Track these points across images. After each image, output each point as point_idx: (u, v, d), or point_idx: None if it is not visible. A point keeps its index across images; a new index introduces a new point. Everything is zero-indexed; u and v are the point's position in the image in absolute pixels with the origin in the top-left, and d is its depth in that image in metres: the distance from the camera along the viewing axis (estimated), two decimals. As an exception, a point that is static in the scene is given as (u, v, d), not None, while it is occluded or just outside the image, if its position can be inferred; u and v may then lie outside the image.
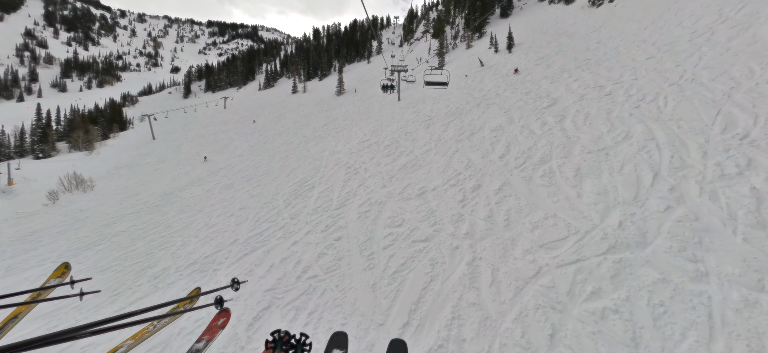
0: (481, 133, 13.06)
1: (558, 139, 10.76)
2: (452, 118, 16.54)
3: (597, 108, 13.05)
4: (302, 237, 9.17)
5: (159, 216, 19.53)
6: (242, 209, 14.95)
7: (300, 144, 27.40)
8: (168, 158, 35.85)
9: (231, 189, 20.57)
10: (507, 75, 22.39)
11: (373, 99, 37.30)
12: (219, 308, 2.25)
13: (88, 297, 5.86)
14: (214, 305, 2.22)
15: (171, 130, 52.70)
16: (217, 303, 2.22)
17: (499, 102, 16.66)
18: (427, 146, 13.62)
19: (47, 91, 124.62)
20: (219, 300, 2.22)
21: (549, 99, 15.24)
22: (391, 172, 12.01)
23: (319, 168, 16.23)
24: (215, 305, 2.22)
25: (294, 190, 14.21)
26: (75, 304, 8.82)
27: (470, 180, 9.38)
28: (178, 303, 2.78)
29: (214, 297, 2.23)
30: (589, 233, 6.35)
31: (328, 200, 11.28)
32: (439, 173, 10.49)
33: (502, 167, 9.68)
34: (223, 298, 2.24)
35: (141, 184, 27.96)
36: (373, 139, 18.53)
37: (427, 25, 66.69)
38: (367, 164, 13.99)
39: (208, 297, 2.47)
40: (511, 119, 13.63)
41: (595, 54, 22.31)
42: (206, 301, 2.83)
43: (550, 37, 31.10)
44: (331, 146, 21.85)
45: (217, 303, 2.22)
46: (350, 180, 12.62)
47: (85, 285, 3.08)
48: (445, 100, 21.58)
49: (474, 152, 11.32)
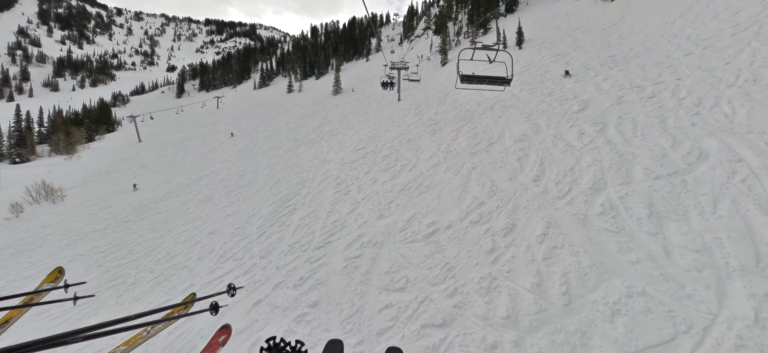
0: (501, 144, 10.55)
1: (607, 155, 8.27)
2: (462, 123, 14.04)
3: (643, 114, 10.59)
4: (268, 292, 6.70)
5: (125, 236, 17.04)
6: (212, 234, 12.47)
7: (290, 148, 24.97)
8: (150, 163, 33.33)
9: (208, 203, 18.12)
10: (521, 73, 19.88)
11: (371, 99, 34.81)
12: (214, 313, 2.22)
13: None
14: (209, 311, 2.20)
15: (159, 132, 50.14)
16: (212, 308, 2.20)
17: (518, 104, 14.17)
18: (435, 159, 11.12)
19: (39, 90, 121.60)
20: (214, 305, 2.21)
21: (579, 101, 12.75)
22: (391, 193, 9.52)
23: (306, 182, 13.74)
24: (210, 311, 2.20)
25: (273, 212, 11.73)
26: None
27: (498, 215, 6.89)
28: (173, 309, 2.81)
29: (209, 303, 2.22)
30: (708, 331, 3.90)
31: (309, 232, 8.79)
32: (453, 201, 7.99)
33: (541, 196, 7.19)
34: (218, 304, 2.20)
35: (116, 195, 25.44)
36: (370, 146, 16.03)
37: (428, 22, 64.06)
38: (360, 180, 11.50)
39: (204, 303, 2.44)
40: (537, 127, 11.14)
41: (619, 50, 19.85)
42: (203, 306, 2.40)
43: (562, 33, 28.60)
44: (322, 153, 19.38)
45: (212, 309, 2.20)
46: (339, 202, 10.12)
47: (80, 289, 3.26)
48: (452, 100, 19.07)
49: (497, 171, 8.82)
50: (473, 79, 6.01)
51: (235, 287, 2.62)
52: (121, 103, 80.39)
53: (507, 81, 6.01)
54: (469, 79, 5.96)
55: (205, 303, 2.35)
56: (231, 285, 2.61)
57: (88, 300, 10.66)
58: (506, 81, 6.02)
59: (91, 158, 38.86)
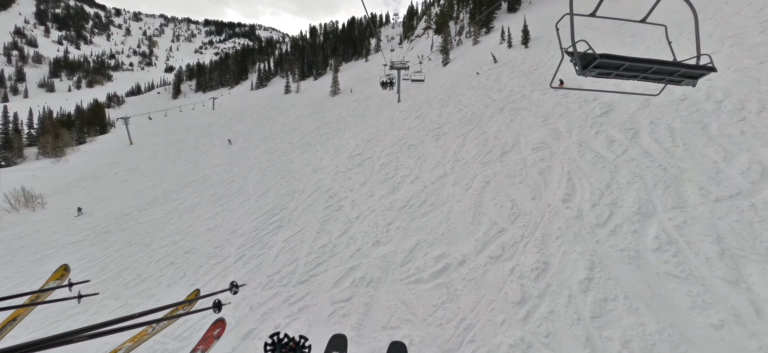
0: (517, 153, 9.19)
1: (648, 169, 6.92)
2: (470, 127, 12.68)
3: (679, 118, 9.23)
4: (236, 345, 5.32)
5: (101, 250, 15.66)
6: (188, 253, 11.10)
7: (284, 152, 23.66)
8: (140, 167, 31.94)
9: (193, 213, 16.77)
10: (530, 72, 18.53)
11: (370, 100, 33.49)
12: (217, 311, 2.20)
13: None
14: (212, 308, 2.18)
15: (152, 134, 48.76)
16: (215, 306, 2.19)
17: (530, 106, 12.81)
18: (441, 169, 9.75)
19: (34, 91, 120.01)
20: (217, 303, 2.19)
21: (600, 104, 11.39)
22: (390, 212, 8.15)
23: (296, 193, 12.36)
24: (214, 309, 2.18)
25: (256, 228, 10.35)
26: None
27: (525, 248, 5.52)
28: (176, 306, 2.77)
29: (212, 301, 2.22)
30: None
31: (292, 259, 7.42)
32: (465, 225, 6.62)
33: (575, 223, 5.82)
34: (221, 302, 2.19)
35: (99, 201, 24.06)
36: (367, 151, 14.67)
37: (428, 21, 62.75)
38: (355, 193, 10.12)
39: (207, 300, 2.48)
40: (556, 132, 9.78)
41: (635, 48, 18.51)
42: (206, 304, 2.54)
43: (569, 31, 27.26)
44: (316, 158, 18.03)
45: (215, 307, 2.18)
46: (330, 221, 8.75)
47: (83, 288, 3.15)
48: (456, 102, 17.71)
49: (516, 187, 7.45)
50: (614, 65, 2.31)
51: (238, 284, 2.55)
52: (116, 104, 78.96)
53: (697, 71, 2.30)
54: (605, 66, 2.31)
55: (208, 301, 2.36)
56: (233, 283, 2.54)
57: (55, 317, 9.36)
58: (695, 71, 2.29)
59: (80, 161, 37.44)
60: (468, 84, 21.02)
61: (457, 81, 23.78)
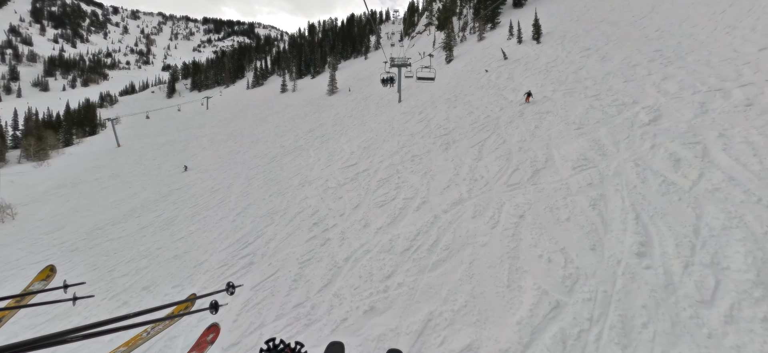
0: (553, 172, 7.21)
1: (745, 206, 4.96)
2: (485, 134, 10.68)
3: (755, 129, 7.27)
4: None
5: (60, 276, 13.72)
6: (145, 290, 9.16)
7: (274, 157, 21.76)
8: (123, 172, 29.99)
9: (167, 230, 14.86)
10: (547, 70, 16.53)
11: (368, 99, 31.52)
12: (214, 312, 2.18)
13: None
14: (209, 310, 2.16)
15: (143, 135, 46.80)
16: (212, 308, 2.17)
17: (556, 109, 10.82)
18: (454, 191, 7.77)
19: (28, 90, 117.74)
20: (214, 305, 2.17)
21: (645, 109, 9.40)
22: (389, 255, 6.18)
23: (276, 214, 10.38)
24: (210, 310, 2.16)
25: (224, 263, 8.41)
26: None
27: (597, 343, 3.54)
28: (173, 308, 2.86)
29: (209, 302, 2.18)
30: None
31: (255, 325, 5.46)
32: (500, 292, 4.64)
33: (667, 298, 3.86)
34: (217, 303, 2.16)
35: (74, 212, 22.09)
36: (363, 162, 12.69)
37: (430, 17, 60.56)
38: (346, 220, 8.15)
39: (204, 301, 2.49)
40: (599, 145, 7.79)
41: (664, 44, 16.53)
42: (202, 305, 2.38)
43: (585, 26, 25.19)
44: (307, 166, 16.09)
45: (212, 308, 2.17)
46: (311, 262, 6.77)
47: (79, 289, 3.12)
48: (465, 103, 15.70)
49: (563, 227, 5.47)
50: None
51: (234, 285, 2.45)
52: (108, 103, 76.87)
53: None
54: None
55: (205, 302, 2.28)
56: (230, 284, 2.44)
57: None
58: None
59: (63, 165, 35.45)
60: (477, 82, 19.00)
61: (463, 79, 21.77)
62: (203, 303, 2.41)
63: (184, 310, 2.92)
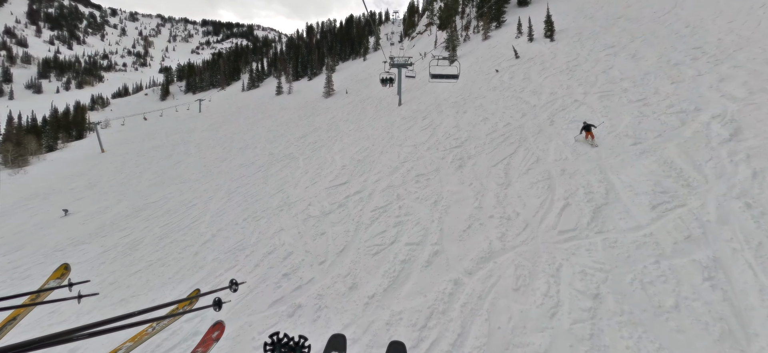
0: (623, 212, 5.05)
1: None
2: (510, 148, 8.53)
3: None
4: None
5: None
6: None
7: (261, 167, 19.68)
8: (101, 182, 27.79)
9: (127, 258, 12.69)
10: (570, 70, 14.40)
11: (366, 102, 29.39)
12: (218, 309, 2.17)
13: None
14: (212, 306, 2.17)
15: (130, 139, 44.63)
16: (215, 304, 2.17)
17: (596, 117, 8.65)
18: (480, 237, 5.60)
19: (21, 92, 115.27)
20: (217, 301, 2.18)
21: (716, 119, 7.24)
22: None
23: (242, 251, 8.19)
24: (214, 306, 2.17)
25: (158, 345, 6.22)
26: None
27: None
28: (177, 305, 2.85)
29: (212, 298, 2.19)
30: None
31: None
32: None
33: None
34: (221, 299, 2.17)
35: (39, 229, 19.85)
36: (356, 179, 10.51)
37: (430, 16, 58.55)
38: (327, 273, 5.98)
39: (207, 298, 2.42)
40: (674, 169, 5.65)
41: (701, 40, 14.47)
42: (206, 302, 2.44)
43: (602, 23, 23.10)
44: (292, 181, 13.95)
45: (216, 305, 2.17)
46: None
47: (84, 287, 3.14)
48: (477, 107, 13.54)
49: (668, 323, 3.28)
50: None
51: (237, 282, 2.49)
52: (100, 106, 74.63)
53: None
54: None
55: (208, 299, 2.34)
56: (233, 281, 2.48)
57: None
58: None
59: (40, 173, 33.26)
60: (487, 84, 16.86)
61: (471, 80, 19.63)
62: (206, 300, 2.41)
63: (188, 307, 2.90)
